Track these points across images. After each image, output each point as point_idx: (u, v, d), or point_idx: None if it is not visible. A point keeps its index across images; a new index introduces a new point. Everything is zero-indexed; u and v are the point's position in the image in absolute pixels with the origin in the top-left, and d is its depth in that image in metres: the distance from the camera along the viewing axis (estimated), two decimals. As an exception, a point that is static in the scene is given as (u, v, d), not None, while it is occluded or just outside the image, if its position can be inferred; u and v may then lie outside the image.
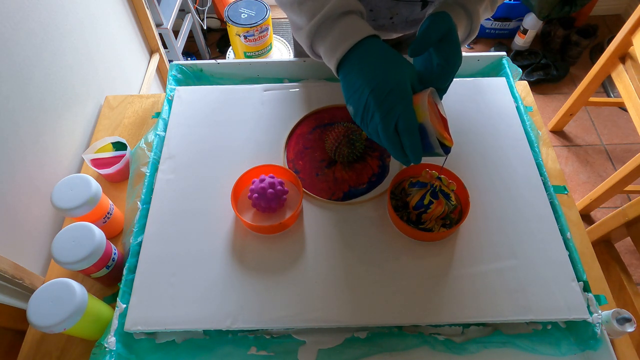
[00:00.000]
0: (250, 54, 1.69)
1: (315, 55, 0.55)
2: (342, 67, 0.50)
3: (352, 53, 0.49)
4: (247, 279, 0.54)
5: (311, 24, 0.50)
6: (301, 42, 0.54)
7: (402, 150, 0.47)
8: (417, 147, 0.46)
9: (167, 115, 0.70)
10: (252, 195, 0.58)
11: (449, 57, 0.50)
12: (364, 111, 0.47)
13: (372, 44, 0.49)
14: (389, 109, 0.45)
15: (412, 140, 0.45)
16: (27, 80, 0.68)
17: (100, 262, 0.53)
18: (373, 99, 0.46)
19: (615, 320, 0.51)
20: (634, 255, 1.43)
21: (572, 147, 1.70)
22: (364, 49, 0.48)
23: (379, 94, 0.46)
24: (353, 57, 0.49)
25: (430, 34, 0.49)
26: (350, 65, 0.49)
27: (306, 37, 0.52)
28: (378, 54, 0.48)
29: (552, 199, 0.60)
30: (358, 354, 0.53)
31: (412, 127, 0.45)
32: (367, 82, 0.46)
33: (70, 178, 0.58)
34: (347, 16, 0.50)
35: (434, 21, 0.50)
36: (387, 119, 0.45)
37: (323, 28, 0.50)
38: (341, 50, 0.49)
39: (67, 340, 0.57)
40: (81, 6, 0.87)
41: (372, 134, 0.48)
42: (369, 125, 0.48)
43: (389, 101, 0.45)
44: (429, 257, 0.56)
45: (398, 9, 0.66)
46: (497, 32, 2.00)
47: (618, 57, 1.33)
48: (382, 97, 0.45)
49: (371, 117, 0.47)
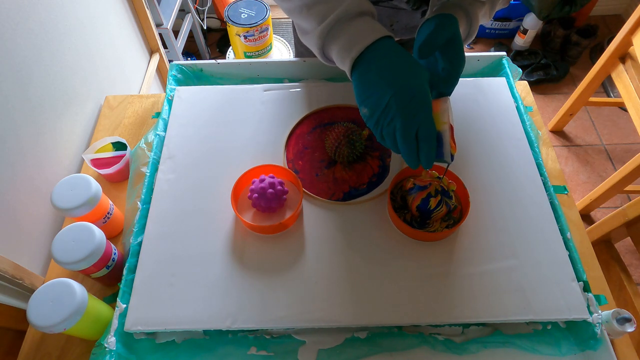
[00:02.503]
0: (250, 54, 1.69)
1: (325, 58, 0.54)
2: (357, 67, 0.49)
3: (368, 53, 0.48)
4: (247, 279, 0.54)
5: (323, 25, 0.50)
6: (310, 45, 0.54)
7: (417, 155, 0.47)
8: (433, 155, 0.46)
9: (167, 115, 0.70)
10: (252, 195, 0.58)
11: (454, 62, 0.50)
12: (382, 114, 0.46)
13: (389, 45, 0.48)
14: (412, 115, 0.45)
15: (430, 148, 0.46)
16: (27, 80, 0.68)
17: (100, 262, 0.53)
18: (395, 103, 0.45)
19: (615, 320, 0.51)
20: (634, 255, 1.43)
21: (572, 147, 1.70)
22: (380, 50, 0.48)
23: (401, 99, 0.45)
24: (369, 57, 0.48)
25: (437, 36, 0.49)
26: (366, 65, 0.48)
27: (317, 39, 0.51)
28: (397, 56, 0.47)
29: (552, 199, 0.60)
30: (358, 354, 0.53)
31: (432, 135, 0.45)
32: (388, 84, 0.45)
33: (70, 178, 0.58)
34: (361, 17, 0.49)
35: (441, 24, 0.50)
36: (408, 125, 0.45)
37: (336, 29, 0.50)
38: (357, 49, 0.48)
39: (67, 340, 0.57)
40: (81, 6, 0.87)
41: (387, 136, 0.47)
42: (384, 128, 0.47)
43: (411, 107, 0.45)
44: (429, 257, 0.56)
45: (398, 17, 0.66)
46: (497, 32, 2.00)
47: (618, 57, 1.33)
48: (405, 102, 0.45)
49: (390, 121, 0.46)
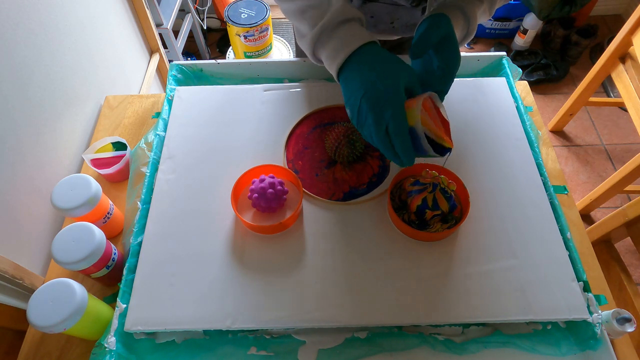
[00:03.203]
0: (250, 54, 1.69)
1: (318, 62, 0.57)
2: (342, 73, 0.52)
3: (351, 59, 0.50)
4: (247, 279, 0.54)
5: (313, 32, 0.52)
6: (305, 50, 0.56)
7: (394, 151, 0.48)
8: (408, 149, 0.47)
9: (167, 115, 0.70)
10: (252, 195, 0.58)
11: (449, 60, 0.51)
12: (359, 114, 0.49)
13: (370, 50, 0.50)
14: (380, 112, 0.47)
15: (402, 143, 0.47)
16: (27, 80, 0.68)
17: (100, 262, 0.53)
18: (365, 103, 0.47)
19: (615, 320, 0.51)
20: (634, 255, 1.43)
21: (572, 147, 1.70)
22: (362, 56, 0.50)
23: (370, 98, 0.47)
24: (352, 63, 0.50)
25: (429, 36, 0.50)
26: (349, 71, 0.50)
27: (309, 45, 0.54)
28: (374, 59, 0.49)
29: (552, 199, 0.60)
30: (358, 354, 0.53)
31: (401, 130, 0.46)
32: (362, 86, 0.48)
33: (70, 178, 0.58)
34: (347, 24, 0.51)
35: (432, 23, 0.51)
36: (378, 122, 0.47)
37: (324, 36, 0.52)
38: (341, 57, 0.50)
39: (67, 340, 0.57)
40: (81, 6, 0.87)
41: (367, 136, 0.50)
42: (363, 127, 0.49)
43: (380, 104, 0.47)
44: (429, 257, 0.56)
45: (398, 14, 0.67)
46: (497, 32, 2.00)
47: (618, 57, 1.33)
48: (374, 101, 0.47)
49: (365, 120, 0.48)
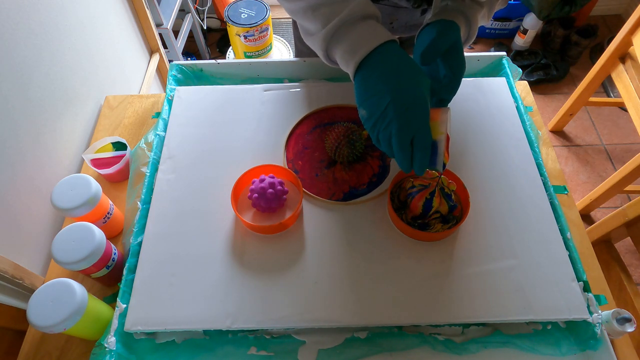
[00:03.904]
0: (250, 54, 1.69)
1: (329, 60, 0.55)
2: (361, 70, 0.49)
3: (372, 57, 0.48)
4: (247, 279, 0.54)
5: (327, 27, 0.50)
6: (314, 46, 0.54)
7: (411, 162, 0.47)
8: (426, 163, 0.46)
9: (167, 115, 0.70)
10: (252, 195, 0.58)
11: (456, 69, 0.51)
12: (380, 117, 0.47)
13: (393, 50, 0.48)
14: (408, 122, 0.45)
15: (424, 157, 0.46)
16: (27, 80, 0.68)
17: (100, 262, 0.53)
18: (393, 109, 0.45)
19: (615, 320, 0.51)
20: (634, 255, 1.43)
21: (572, 147, 1.70)
22: (384, 54, 0.48)
23: (399, 105, 0.45)
24: (373, 61, 0.48)
25: (440, 43, 0.49)
26: (370, 69, 0.48)
27: (322, 41, 0.51)
28: (399, 62, 0.47)
29: (552, 199, 0.60)
30: (358, 354, 0.53)
31: (427, 144, 0.46)
32: (388, 90, 0.46)
33: (70, 178, 0.58)
34: (366, 21, 0.50)
35: (443, 31, 0.50)
36: (404, 132, 0.45)
37: (341, 31, 0.50)
38: (361, 53, 0.48)
39: (67, 340, 0.57)
40: (81, 6, 0.87)
41: (382, 140, 0.48)
42: (381, 132, 0.47)
43: (409, 114, 0.45)
44: (429, 257, 0.56)
45: (398, 15, 0.67)
46: (497, 32, 2.00)
47: (618, 57, 1.33)
48: (403, 110, 0.45)
49: (386, 126, 0.46)
